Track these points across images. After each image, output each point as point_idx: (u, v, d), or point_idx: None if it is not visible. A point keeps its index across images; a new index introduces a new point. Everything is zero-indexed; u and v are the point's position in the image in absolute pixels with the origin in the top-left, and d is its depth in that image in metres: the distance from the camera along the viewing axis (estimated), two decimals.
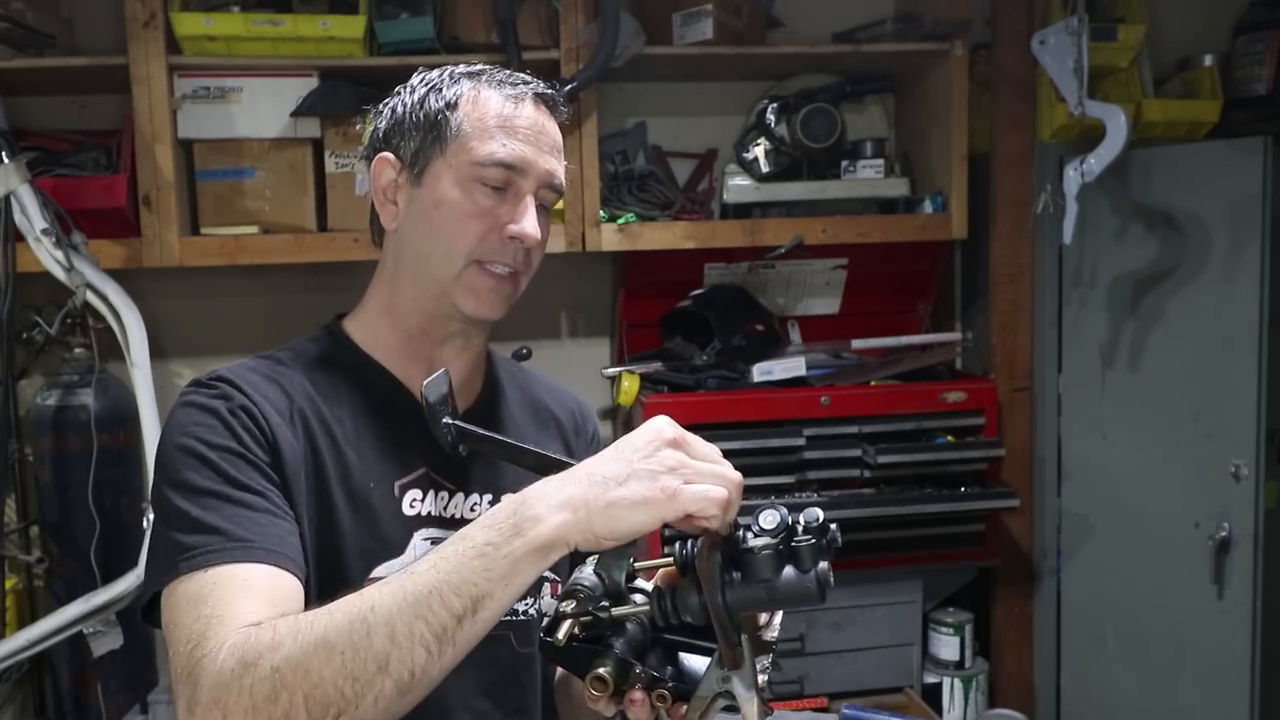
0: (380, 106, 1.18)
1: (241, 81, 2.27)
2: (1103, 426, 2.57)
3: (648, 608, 0.91)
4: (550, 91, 1.16)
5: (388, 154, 1.14)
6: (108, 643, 2.17)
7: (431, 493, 1.13)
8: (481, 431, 1.00)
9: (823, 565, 0.84)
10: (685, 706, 0.91)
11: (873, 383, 2.55)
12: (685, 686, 0.92)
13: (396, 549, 1.09)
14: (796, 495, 2.43)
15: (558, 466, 0.97)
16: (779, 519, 0.84)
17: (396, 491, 1.11)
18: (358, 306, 1.20)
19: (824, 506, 2.36)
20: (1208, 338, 2.34)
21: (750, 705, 0.87)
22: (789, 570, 0.84)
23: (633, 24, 2.31)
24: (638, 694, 0.93)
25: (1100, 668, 2.61)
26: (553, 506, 0.84)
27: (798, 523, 0.85)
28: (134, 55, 2.19)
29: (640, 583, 0.96)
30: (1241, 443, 2.27)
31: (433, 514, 1.12)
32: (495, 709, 1.14)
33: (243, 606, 0.89)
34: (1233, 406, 2.28)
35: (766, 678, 0.89)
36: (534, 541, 0.83)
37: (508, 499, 0.88)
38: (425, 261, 1.12)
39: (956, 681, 2.60)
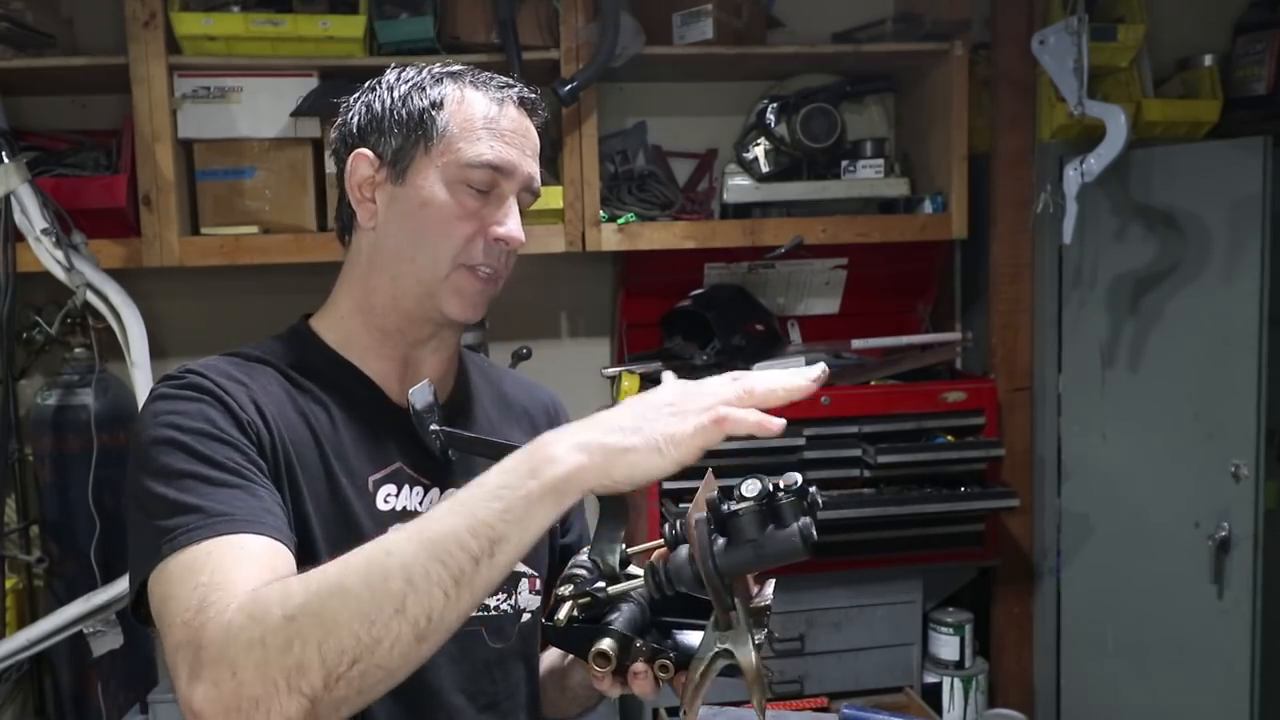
0: (351, 101, 1.15)
1: (241, 81, 2.27)
2: (1102, 426, 2.57)
3: (642, 583, 0.94)
4: (532, 95, 1.15)
5: (365, 150, 1.11)
6: (108, 643, 2.17)
7: (407, 488, 1.12)
8: (468, 435, 1.04)
9: (804, 520, 0.86)
10: (686, 675, 0.94)
11: (873, 383, 2.55)
12: (686, 656, 0.94)
13: None
14: None
15: None
16: (760, 486, 0.87)
17: (370, 487, 1.10)
18: (325, 305, 1.18)
19: (824, 507, 2.42)
20: (1208, 338, 2.34)
21: (748, 656, 0.89)
22: (772, 528, 0.87)
23: (633, 24, 2.31)
24: (640, 666, 0.95)
25: (1100, 668, 2.61)
26: (569, 448, 0.84)
27: (778, 487, 0.87)
28: (134, 55, 2.19)
29: (633, 568, 0.99)
30: (1241, 443, 2.27)
31: (408, 509, 1.11)
32: (470, 704, 1.14)
33: (244, 572, 0.86)
34: (1233, 406, 2.28)
35: (763, 638, 0.92)
36: (549, 483, 0.82)
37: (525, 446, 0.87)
38: (409, 263, 1.10)
39: (956, 681, 2.60)
